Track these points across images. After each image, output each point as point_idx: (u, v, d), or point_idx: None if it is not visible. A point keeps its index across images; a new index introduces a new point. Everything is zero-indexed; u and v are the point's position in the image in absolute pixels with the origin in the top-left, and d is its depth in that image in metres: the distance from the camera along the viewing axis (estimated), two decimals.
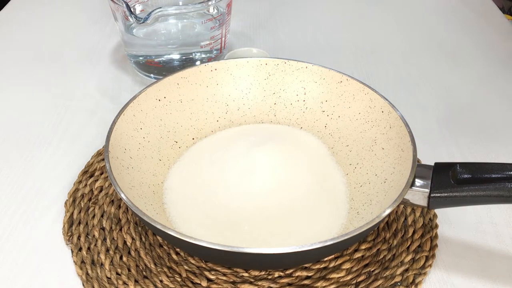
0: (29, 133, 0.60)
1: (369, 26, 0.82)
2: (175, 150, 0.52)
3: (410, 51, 0.76)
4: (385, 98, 0.50)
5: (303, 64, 0.55)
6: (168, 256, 0.46)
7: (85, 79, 0.69)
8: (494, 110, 0.64)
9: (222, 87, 0.56)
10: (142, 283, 0.44)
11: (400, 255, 0.46)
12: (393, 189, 0.44)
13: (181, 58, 0.66)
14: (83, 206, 0.50)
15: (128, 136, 0.48)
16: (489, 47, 0.77)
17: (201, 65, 0.54)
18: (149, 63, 0.67)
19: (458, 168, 0.42)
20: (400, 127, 0.47)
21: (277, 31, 0.80)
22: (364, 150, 0.50)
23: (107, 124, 0.48)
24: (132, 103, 0.49)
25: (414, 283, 0.44)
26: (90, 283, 0.44)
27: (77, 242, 0.47)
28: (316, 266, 0.45)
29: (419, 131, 0.53)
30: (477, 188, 0.40)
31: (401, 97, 0.66)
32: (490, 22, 0.83)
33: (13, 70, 0.71)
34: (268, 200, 0.46)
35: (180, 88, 0.54)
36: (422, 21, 0.84)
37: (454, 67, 0.72)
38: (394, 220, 0.49)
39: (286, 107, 0.56)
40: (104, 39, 0.77)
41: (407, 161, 0.44)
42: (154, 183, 0.48)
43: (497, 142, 0.59)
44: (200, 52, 0.67)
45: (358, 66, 0.72)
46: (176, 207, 0.47)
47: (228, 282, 0.44)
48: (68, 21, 0.82)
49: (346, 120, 0.53)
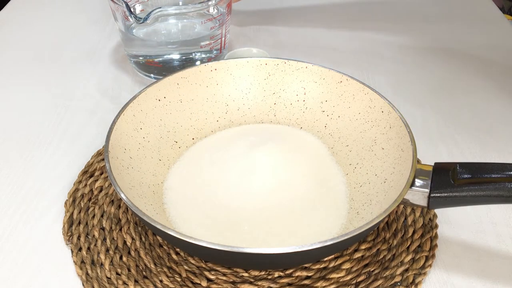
0: (29, 133, 0.60)
1: (369, 26, 0.82)
2: (175, 150, 0.52)
3: (410, 51, 0.76)
4: (385, 98, 0.50)
5: (303, 64, 0.55)
6: (168, 256, 0.46)
7: (85, 79, 0.69)
8: (494, 110, 0.64)
9: (222, 87, 0.56)
10: (142, 283, 0.44)
11: (400, 255, 0.46)
12: (393, 189, 0.44)
13: (181, 58, 0.66)
14: (83, 206, 0.50)
15: (128, 136, 0.48)
16: (489, 47, 0.77)
17: (201, 65, 0.54)
18: (149, 63, 0.67)
19: (458, 168, 0.42)
20: (400, 127, 0.47)
21: (277, 31, 0.80)
22: (364, 150, 0.50)
23: (107, 124, 0.48)
24: (132, 103, 0.49)
25: (414, 283, 0.44)
26: (90, 283, 0.44)
27: (77, 242, 0.47)
28: (316, 266, 0.45)
29: (419, 131, 0.54)
30: (477, 188, 0.40)
31: (401, 97, 0.66)
32: (490, 22, 0.83)
33: (13, 70, 0.71)
34: (268, 200, 0.46)
35: (180, 88, 0.54)
36: (422, 21, 0.84)
37: (454, 67, 0.72)
38: (394, 220, 0.49)
39: (286, 107, 0.56)
40: (104, 39, 0.77)
41: (407, 161, 0.44)
42: (154, 183, 0.48)
43: (497, 142, 0.59)
44: (200, 52, 0.67)
45: (358, 66, 0.72)
46: (176, 207, 0.47)
47: (228, 282, 0.44)
48: (68, 21, 0.82)
49: (346, 120, 0.53)
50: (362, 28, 0.82)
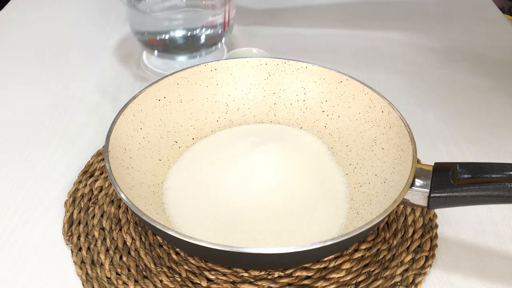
0: (29, 133, 0.60)
1: (369, 26, 0.82)
2: (175, 150, 0.52)
3: (410, 50, 0.76)
4: (385, 98, 0.50)
5: (303, 64, 0.55)
6: (168, 256, 0.46)
7: (85, 79, 0.69)
8: (494, 110, 0.64)
9: (222, 87, 0.56)
10: (142, 283, 0.44)
11: (400, 255, 0.46)
12: (393, 189, 0.44)
13: (185, 35, 0.65)
14: (83, 206, 0.50)
15: (128, 136, 0.48)
16: (489, 47, 0.77)
17: (201, 65, 0.54)
18: (153, 40, 0.66)
19: (458, 168, 0.42)
20: (400, 127, 0.47)
21: (277, 31, 0.80)
22: (364, 150, 0.50)
23: (107, 124, 0.48)
24: (132, 103, 0.49)
25: (414, 283, 0.44)
26: (90, 283, 0.44)
27: (77, 242, 0.47)
28: (316, 266, 0.45)
29: (419, 131, 0.54)
30: (477, 188, 0.40)
31: (401, 97, 0.66)
32: (490, 22, 0.83)
33: (13, 70, 0.71)
34: (268, 200, 0.46)
35: (180, 88, 0.54)
36: (422, 21, 0.84)
37: (454, 67, 0.72)
38: (394, 220, 0.49)
39: (286, 107, 0.56)
40: (104, 39, 0.77)
41: (407, 161, 0.44)
42: (154, 183, 0.48)
43: (497, 142, 0.59)
44: (204, 28, 0.65)
45: (358, 66, 0.72)
46: (176, 207, 0.47)
47: (228, 282, 0.44)
48: (68, 21, 0.82)
49: (346, 120, 0.53)
50: (362, 28, 0.82)
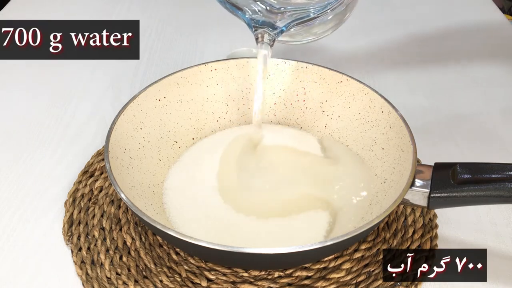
0: (29, 133, 0.60)
1: (369, 26, 0.82)
2: (175, 150, 0.52)
3: (410, 50, 0.76)
4: (385, 98, 0.50)
5: (303, 64, 0.55)
6: (168, 256, 0.46)
7: (85, 79, 0.69)
8: (494, 110, 0.64)
9: (222, 87, 0.55)
10: (142, 283, 0.44)
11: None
12: (393, 189, 0.44)
13: None
14: (83, 206, 0.50)
15: (128, 136, 0.48)
16: (489, 47, 0.77)
17: (201, 65, 0.54)
18: None
19: (458, 168, 0.42)
20: (400, 127, 0.47)
21: None
22: (364, 150, 0.50)
23: (107, 124, 0.48)
24: (132, 103, 0.49)
25: (414, 283, 0.44)
26: (90, 283, 0.44)
27: (77, 242, 0.47)
28: (316, 266, 0.45)
29: (419, 131, 0.53)
30: (477, 188, 0.40)
31: (401, 97, 0.66)
32: (490, 22, 0.83)
33: (13, 70, 0.71)
34: (268, 200, 0.46)
35: (180, 88, 0.54)
36: (422, 21, 0.84)
37: (454, 67, 0.72)
38: (394, 220, 0.49)
39: (286, 107, 0.56)
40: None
41: (407, 161, 0.44)
42: (154, 183, 0.48)
43: (497, 142, 0.59)
44: None
45: (358, 66, 0.72)
46: (176, 207, 0.47)
47: (228, 282, 0.44)
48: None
49: (346, 120, 0.53)
50: (362, 28, 0.81)
